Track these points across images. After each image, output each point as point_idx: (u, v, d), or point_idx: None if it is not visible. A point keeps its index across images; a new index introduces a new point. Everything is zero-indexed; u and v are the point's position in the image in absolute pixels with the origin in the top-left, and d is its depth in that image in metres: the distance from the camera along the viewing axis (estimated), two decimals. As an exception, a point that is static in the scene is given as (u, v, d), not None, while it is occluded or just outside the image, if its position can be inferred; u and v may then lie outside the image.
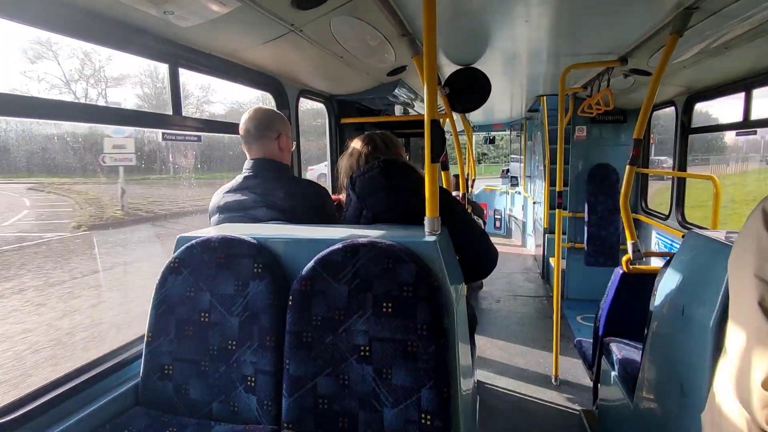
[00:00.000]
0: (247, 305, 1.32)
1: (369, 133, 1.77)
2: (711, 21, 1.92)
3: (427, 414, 1.14)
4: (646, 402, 1.63)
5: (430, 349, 1.15)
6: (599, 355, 2.34)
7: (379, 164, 1.56)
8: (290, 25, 1.74)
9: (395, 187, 1.54)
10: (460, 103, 3.08)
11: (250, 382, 1.29)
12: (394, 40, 2.19)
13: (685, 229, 3.51)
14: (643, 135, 2.36)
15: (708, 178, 2.92)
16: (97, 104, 1.40)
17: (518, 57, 3.03)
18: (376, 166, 1.56)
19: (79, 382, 1.32)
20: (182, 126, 1.73)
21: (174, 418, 1.31)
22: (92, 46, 1.40)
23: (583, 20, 2.20)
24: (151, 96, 8.37)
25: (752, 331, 0.62)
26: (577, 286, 5.03)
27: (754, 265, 0.65)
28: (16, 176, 5.39)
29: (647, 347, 1.64)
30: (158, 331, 1.38)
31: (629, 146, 2.40)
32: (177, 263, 1.39)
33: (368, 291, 1.21)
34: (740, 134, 3.04)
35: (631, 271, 2.32)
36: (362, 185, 1.57)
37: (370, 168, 1.57)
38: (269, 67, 2.25)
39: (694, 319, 1.28)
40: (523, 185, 8.41)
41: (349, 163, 1.73)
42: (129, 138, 2.82)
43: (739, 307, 0.68)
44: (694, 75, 2.99)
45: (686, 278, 1.43)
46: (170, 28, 1.50)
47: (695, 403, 1.22)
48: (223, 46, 1.84)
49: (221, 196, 1.72)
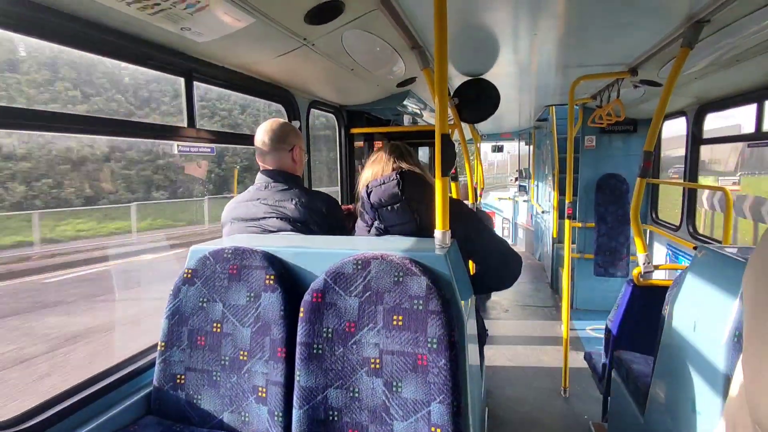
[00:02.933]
0: (258, 316, 1.33)
1: (395, 143, 1.75)
2: (722, 34, 1.92)
3: (437, 428, 1.14)
4: (657, 417, 1.61)
5: (440, 363, 1.16)
6: (610, 367, 2.32)
7: (396, 176, 1.55)
8: (303, 40, 1.77)
9: (410, 200, 1.53)
10: (469, 113, 3.09)
11: (261, 393, 1.30)
12: (405, 52, 2.22)
13: (696, 240, 3.47)
14: (653, 147, 2.35)
15: (720, 189, 2.90)
16: (113, 117, 1.43)
17: (527, 68, 3.04)
18: (393, 178, 1.55)
19: (92, 392, 1.35)
20: (196, 138, 1.77)
21: (186, 428, 1.32)
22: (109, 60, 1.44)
23: (592, 32, 2.21)
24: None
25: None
26: (586, 296, 4.99)
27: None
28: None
29: (658, 362, 1.62)
30: (171, 340, 1.39)
31: (639, 156, 2.39)
32: (190, 274, 1.41)
33: (379, 304, 1.22)
34: (752, 146, 3.01)
35: (642, 283, 2.30)
36: (378, 195, 1.55)
37: (387, 179, 1.56)
38: (281, 80, 2.29)
39: (707, 335, 1.27)
40: (531, 194, 8.39)
41: (372, 171, 1.69)
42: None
43: (761, 323, 0.67)
44: (705, 86, 2.98)
45: (699, 294, 1.42)
46: (186, 43, 1.54)
47: (707, 421, 1.21)
48: (236, 60, 1.88)
49: (234, 206, 1.75)
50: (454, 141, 3.00)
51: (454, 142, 1.90)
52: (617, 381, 2.12)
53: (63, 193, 15.54)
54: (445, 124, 1.37)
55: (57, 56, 16.77)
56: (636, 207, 2.45)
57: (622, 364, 2.04)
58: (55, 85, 17.11)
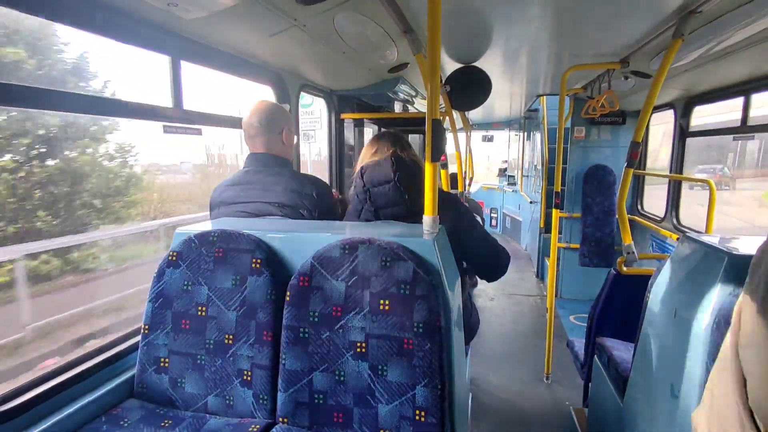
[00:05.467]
0: (244, 300, 1.32)
1: (396, 132, 1.81)
2: (712, 26, 1.93)
3: (421, 411, 1.16)
4: (637, 402, 1.65)
5: (425, 347, 1.16)
6: (591, 354, 2.37)
7: (391, 158, 1.60)
8: (293, 20, 1.73)
9: (402, 182, 1.58)
10: (460, 101, 3.08)
11: (246, 376, 1.30)
12: (397, 37, 2.19)
13: (679, 232, 3.54)
14: (641, 138, 2.37)
15: (704, 182, 2.94)
16: (96, 95, 1.39)
17: (519, 57, 3.03)
18: (388, 160, 1.60)
19: (74, 374, 1.33)
20: (183, 119, 1.73)
21: (169, 411, 1.32)
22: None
23: (585, 22, 2.20)
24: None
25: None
26: (571, 286, 5.07)
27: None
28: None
29: (639, 348, 1.66)
30: (155, 323, 1.38)
31: (627, 148, 2.41)
32: (175, 256, 1.39)
33: (366, 288, 1.22)
34: (737, 138, 3.05)
35: (625, 272, 2.34)
36: (371, 175, 1.60)
37: (383, 161, 1.61)
38: (271, 61, 2.24)
39: (687, 322, 1.30)
40: (520, 184, 8.44)
41: (370, 155, 1.74)
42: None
43: (765, 322, 0.66)
44: (693, 78, 3.00)
45: (680, 282, 1.44)
46: (173, 20, 1.49)
47: (686, 405, 1.24)
48: (225, 40, 1.83)
49: (222, 190, 1.72)
50: (445, 128, 2.99)
51: (445, 129, 1.90)
52: (598, 367, 2.17)
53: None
54: (436, 110, 1.36)
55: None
56: (622, 197, 2.48)
57: (604, 350, 2.09)
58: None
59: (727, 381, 0.73)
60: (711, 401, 0.78)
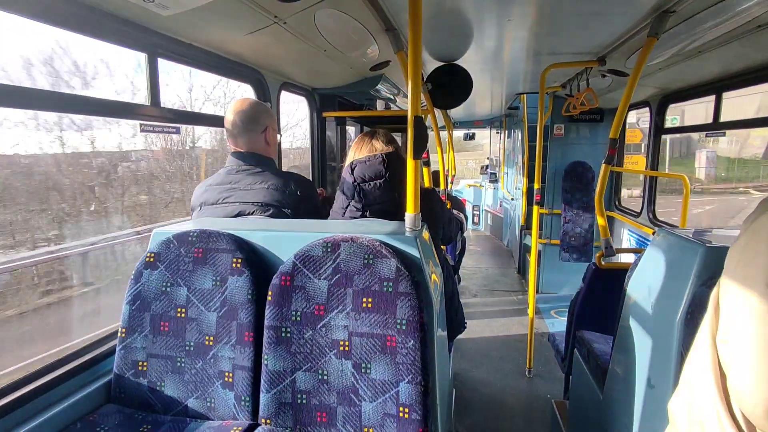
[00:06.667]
0: (225, 300, 1.30)
1: (383, 130, 1.83)
2: (686, 25, 1.98)
3: (404, 407, 1.16)
4: (615, 393, 1.69)
5: (409, 344, 1.17)
6: (571, 347, 2.41)
7: (382, 155, 1.61)
8: (274, 17, 1.71)
9: (393, 178, 1.60)
10: (441, 99, 3.09)
11: (227, 378, 1.28)
12: (379, 35, 2.19)
13: (655, 226, 3.63)
14: (618, 135, 2.43)
15: (679, 177, 3.02)
16: (68, 92, 1.34)
17: (500, 55, 3.06)
18: (379, 156, 1.61)
19: (48, 380, 1.28)
20: (161, 117, 1.69)
21: (148, 416, 1.29)
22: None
23: (563, 21, 2.23)
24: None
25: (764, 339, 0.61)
26: (552, 281, 5.16)
27: (767, 276, 0.64)
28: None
29: (617, 340, 1.70)
30: (132, 326, 1.35)
31: (605, 145, 2.47)
32: (153, 257, 1.36)
33: (349, 286, 1.22)
34: (710, 135, 3.15)
35: (604, 266, 2.39)
36: (362, 171, 1.60)
37: (373, 157, 1.62)
38: (251, 59, 2.21)
39: (662, 314, 1.34)
40: (501, 181, 8.53)
41: (359, 152, 1.74)
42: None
43: (747, 315, 0.67)
44: (668, 77, 3.08)
45: (655, 275, 1.48)
46: (150, 16, 1.45)
47: (662, 395, 1.28)
48: (203, 37, 1.79)
49: (204, 190, 1.69)
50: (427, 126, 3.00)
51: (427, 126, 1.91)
52: (578, 360, 2.21)
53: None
54: (418, 107, 1.37)
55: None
56: (600, 193, 2.53)
57: (584, 343, 2.13)
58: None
59: (704, 372, 0.75)
60: (690, 391, 0.80)
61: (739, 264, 0.71)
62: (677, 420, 0.84)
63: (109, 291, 5.33)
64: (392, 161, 1.62)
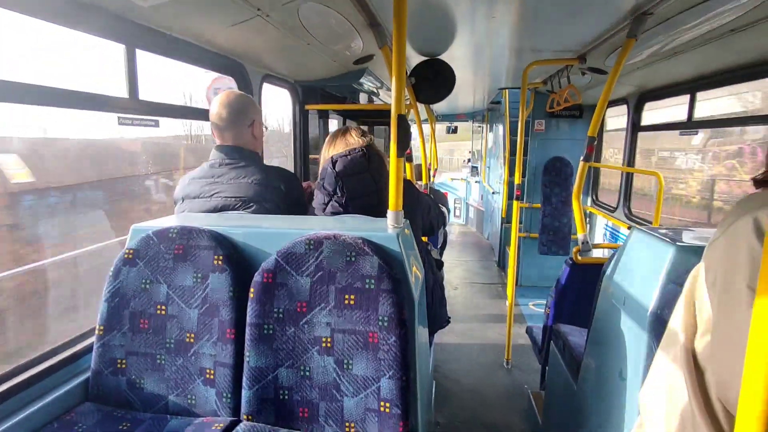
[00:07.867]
0: (206, 297, 1.30)
1: (359, 127, 1.83)
2: (663, 27, 2.03)
3: (385, 402, 1.18)
4: (589, 384, 1.75)
5: (390, 340, 1.19)
6: (548, 340, 2.48)
7: (363, 149, 1.62)
8: (257, 10, 1.68)
9: (374, 172, 1.62)
10: (425, 94, 3.10)
11: (208, 375, 1.28)
12: (363, 29, 2.17)
13: (630, 221, 3.74)
14: (597, 132, 2.48)
15: (653, 174, 3.10)
16: (40, 84, 1.29)
17: (483, 51, 3.07)
18: (360, 150, 1.62)
19: (23, 379, 1.26)
20: (139, 110, 1.65)
21: (128, 413, 1.28)
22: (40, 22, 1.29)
23: (546, 19, 2.26)
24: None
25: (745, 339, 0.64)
26: (531, 274, 5.26)
27: (748, 277, 0.68)
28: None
29: (591, 334, 1.75)
30: (111, 324, 1.33)
31: (584, 140, 2.52)
32: (131, 254, 1.34)
33: (331, 283, 1.23)
34: (684, 133, 3.24)
35: (581, 261, 2.45)
36: (344, 165, 1.60)
37: (354, 151, 1.62)
38: (233, 51, 2.17)
39: (634, 308, 1.39)
40: (482, 175, 8.62)
41: (336, 147, 1.71)
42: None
43: (728, 315, 0.70)
44: (645, 76, 3.16)
45: (629, 270, 1.53)
46: (128, 6, 1.41)
47: (632, 387, 1.33)
48: (184, 28, 1.75)
49: (187, 183, 1.66)
50: (410, 121, 3.01)
51: (410, 123, 1.92)
52: (554, 352, 2.28)
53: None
54: (402, 105, 1.37)
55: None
56: (578, 189, 2.59)
57: (560, 336, 2.19)
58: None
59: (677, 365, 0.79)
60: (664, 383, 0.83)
61: (720, 264, 0.73)
62: (646, 410, 0.89)
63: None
64: (372, 153, 1.64)
